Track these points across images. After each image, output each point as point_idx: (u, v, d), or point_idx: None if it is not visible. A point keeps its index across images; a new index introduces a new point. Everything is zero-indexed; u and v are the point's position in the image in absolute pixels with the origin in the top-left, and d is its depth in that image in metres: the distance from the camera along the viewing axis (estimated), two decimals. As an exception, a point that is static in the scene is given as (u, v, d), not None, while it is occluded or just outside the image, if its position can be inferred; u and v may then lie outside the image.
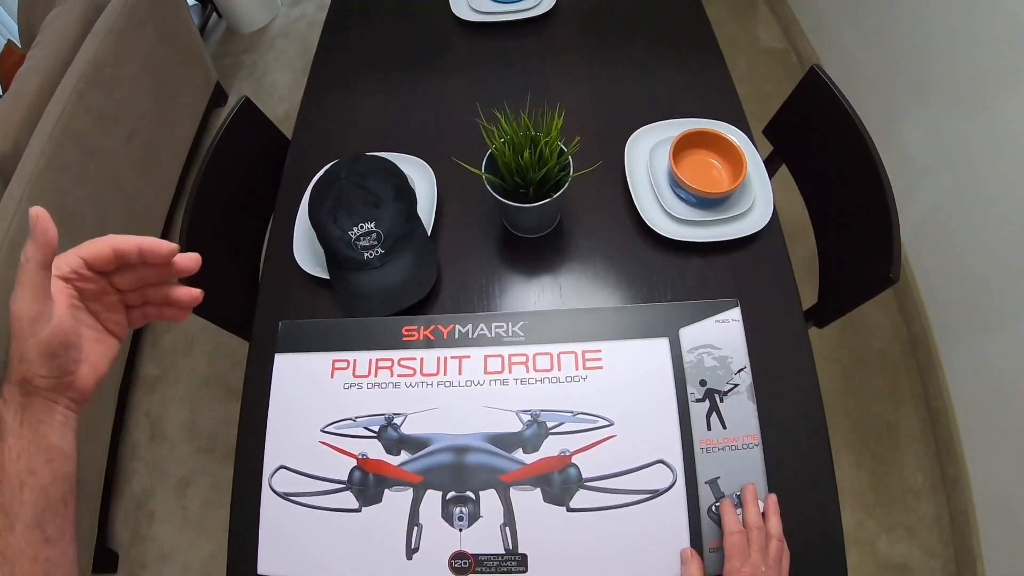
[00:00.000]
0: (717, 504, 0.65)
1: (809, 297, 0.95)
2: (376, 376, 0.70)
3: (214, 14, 2.60)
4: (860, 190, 1.03)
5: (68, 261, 0.44)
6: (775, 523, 0.63)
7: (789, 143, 1.20)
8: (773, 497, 0.65)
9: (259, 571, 0.67)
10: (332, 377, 0.71)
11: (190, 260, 0.47)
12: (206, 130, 2.18)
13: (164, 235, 1.96)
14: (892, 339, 1.71)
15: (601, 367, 0.69)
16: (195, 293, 0.49)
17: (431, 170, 1.04)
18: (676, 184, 0.99)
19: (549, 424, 0.67)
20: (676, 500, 0.64)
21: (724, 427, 0.67)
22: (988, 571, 1.37)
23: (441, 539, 0.64)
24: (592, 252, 0.98)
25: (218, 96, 2.25)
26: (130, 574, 1.63)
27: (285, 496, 0.68)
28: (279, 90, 2.37)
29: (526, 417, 0.67)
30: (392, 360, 0.71)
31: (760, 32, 2.27)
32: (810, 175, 1.17)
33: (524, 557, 0.63)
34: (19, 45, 1.89)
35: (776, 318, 0.90)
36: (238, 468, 0.84)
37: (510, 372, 0.69)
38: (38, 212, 0.39)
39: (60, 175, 1.46)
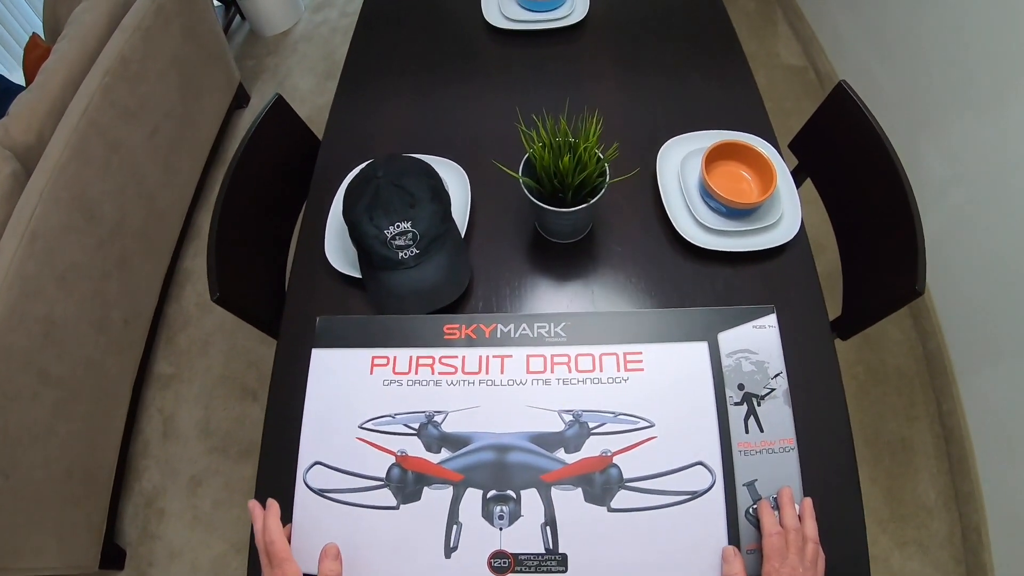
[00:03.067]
0: (754, 506, 0.65)
1: (829, 310, 0.96)
2: (417, 373, 0.70)
3: (237, 16, 2.62)
4: (885, 204, 1.03)
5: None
6: (811, 526, 0.63)
7: (814, 157, 1.21)
8: (808, 501, 0.66)
9: None
10: (371, 374, 0.71)
11: None
12: (227, 131, 2.20)
13: (182, 236, 1.97)
14: (908, 356, 1.71)
15: (642, 369, 0.69)
16: None
17: (465, 173, 1.05)
18: (707, 194, 1.00)
19: (591, 424, 0.67)
20: (715, 502, 0.64)
21: (761, 430, 0.68)
22: (1000, 589, 1.37)
23: (481, 538, 0.64)
24: (623, 259, 0.99)
25: (240, 97, 2.26)
26: (137, 571, 1.62)
27: (320, 492, 0.67)
28: (300, 93, 2.39)
29: (568, 417, 0.67)
30: (433, 358, 0.71)
31: (780, 49, 2.29)
32: (835, 189, 1.18)
33: (564, 557, 0.63)
34: (44, 39, 1.90)
35: (803, 330, 0.91)
36: (263, 466, 0.85)
37: (552, 372, 0.69)
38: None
39: (83, 168, 1.47)
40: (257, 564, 0.76)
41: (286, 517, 0.70)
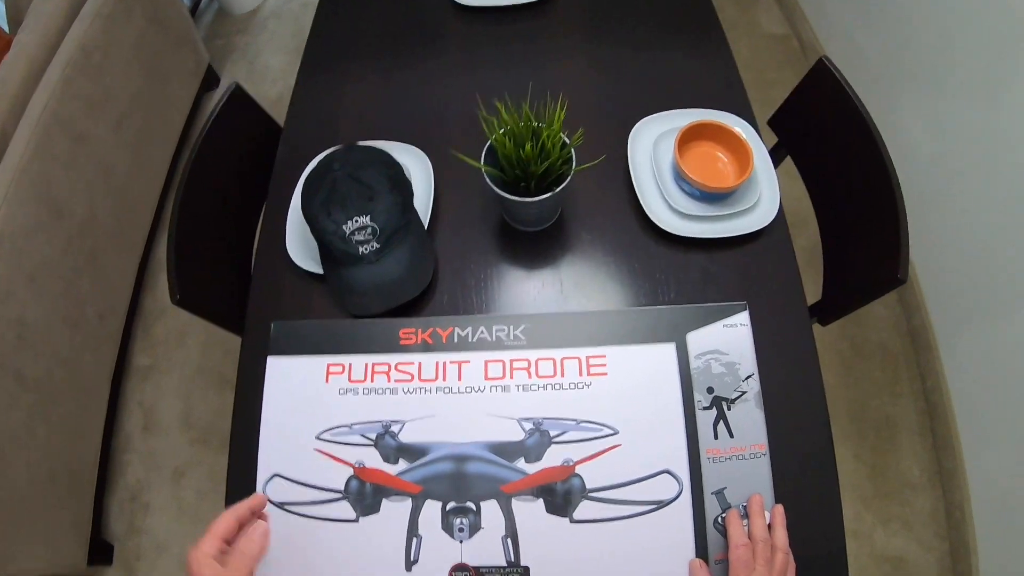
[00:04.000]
0: (723, 515, 0.63)
1: (810, 290, 0.94)
2: (372, 381, 0.68)
3: (205, -6, 2.53)
4: (868, 187, 1.00)
5: (213, 546, 0.57)
6: (781, 535, 0.62)
7: (795, 135, 1.18)
8: (779, 508, 0.64)
9: None
10: (327, 382, 0.69)
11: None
12: (198, 115, 2.13)
13: (155, 225, 1.92)
14: (892, 332, 1.70)
15: (606, 373, 0.67)
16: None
17: (428, 159, 1.01)
18: (680, 178, 0.96)
19: (552, 433, 0.65)
20: (682, 511, 0.63)
21: (731, 436, 0.66)
22: (982, 565, 1.38)
23: (441, 550, 0.62)
24: (594, 246, 0.96)
25: (210, 79, 2.19)
26: (126, 566, 1.61)
27: (280, 505, 0.66)
28: (272, 72, 2.32)
29: (528, 425, 0.65)
30: (389, 364, 0.68)
31: (761, 17, 2.22)
32: (816, 169, 1.14)
33: (527, 569, 0.61)
34: (7, 30, 1.83)
35: (781, 318, 0.88)
36: (232, 471, 0.82)
37: (512, 378, 0.67)
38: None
39: (48, 165, 1.43)
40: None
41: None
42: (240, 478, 0.80)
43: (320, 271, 0.93)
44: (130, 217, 1.75)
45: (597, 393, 0.66)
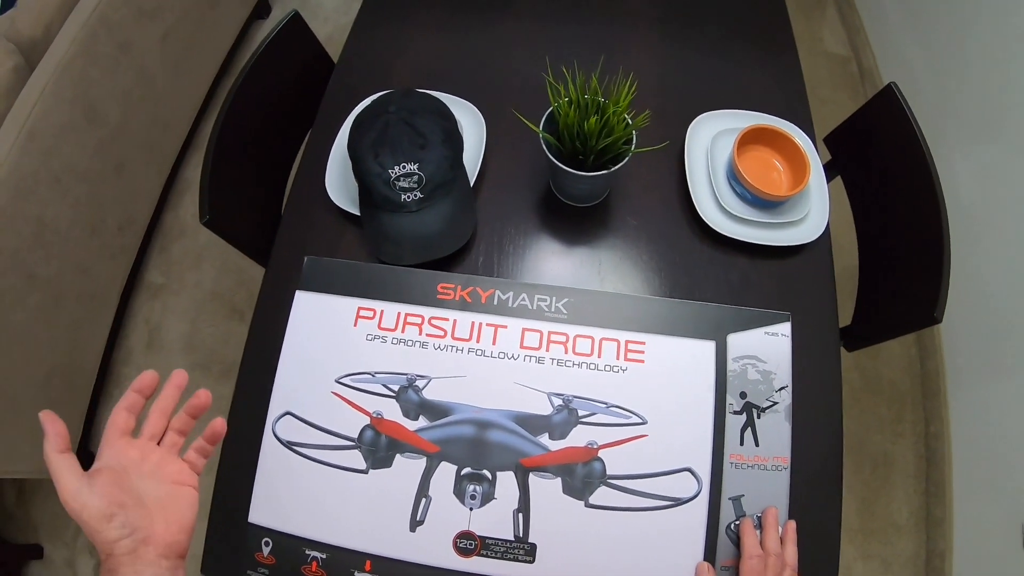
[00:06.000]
0: (737, 522, 0.62)
1: (840, 316, 0.92)
2: (403, 332, 0.66)
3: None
4: (916, 222, 0.97)
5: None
6: (791, 552, 0.61)
7: (849, 157, 1.14)
8: (792, 524, 0.63)
9: (250, 519, 0.63)
10: (355, 325, 0.67)
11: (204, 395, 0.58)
12: (244, 42, 2.10)
13: (186, 144, 1.89)
14: (904, 371, 1.68)
15: (642, 361, 0.65)
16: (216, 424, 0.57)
17: (482, 117, 0.99)
18: (735, 178, 0.94)
19: (580, 412, 0.63)
20: (697, 512, 0.61)
21: (757, 444, 0.64)
22: (952, 619, 1.37)
23: (449, 515, 0.61)
24: (637, 232, 0.94)
25: (261, 8, 2.15)
26: (109, 477, 1.61)
27: (288, 445, 0.65)
28: (324, 10, 2.27)
29: (557, 401, 0.63)
30: (422, 317, 0.67)
31: (825, 34, 2.16)
32: (865, 194, 1.11)
33: (533, 547, 0.60)
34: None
35: (812, 336, 0.86)
36: (237, 403, 0.79)
37: (547, 350, 0.65)
38: (45, 415, 0.47)
39: (89, 66, 1.40)
40: (225, 485, 0.72)
41: (248, 465, 0.67)
42: (243, 411, 0.77)
43: (356, 212, 0.91)
44: (163, 132, 1.73)
45: (631, 379, 0.64)
